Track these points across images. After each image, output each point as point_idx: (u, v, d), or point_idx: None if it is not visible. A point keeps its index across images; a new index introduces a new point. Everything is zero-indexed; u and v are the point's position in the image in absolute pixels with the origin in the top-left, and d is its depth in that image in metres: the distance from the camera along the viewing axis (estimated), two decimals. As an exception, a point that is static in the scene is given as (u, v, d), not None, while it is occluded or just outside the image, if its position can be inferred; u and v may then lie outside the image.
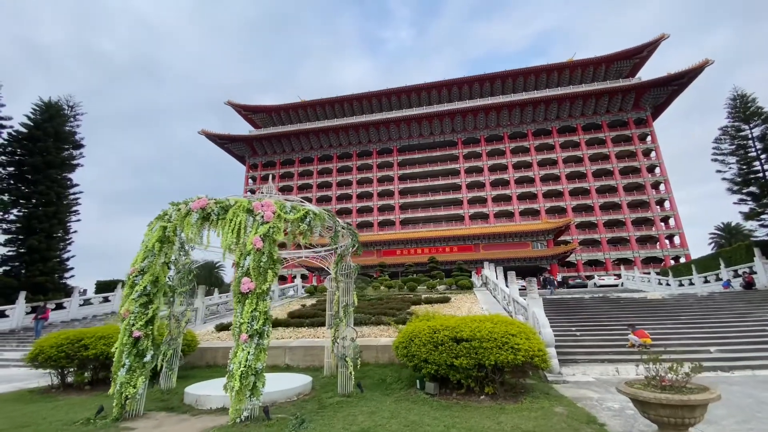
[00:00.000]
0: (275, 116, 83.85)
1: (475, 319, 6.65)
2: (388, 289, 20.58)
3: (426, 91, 76.36)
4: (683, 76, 60.63)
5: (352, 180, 75.49)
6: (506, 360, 5.75)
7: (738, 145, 21.07)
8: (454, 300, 16.27)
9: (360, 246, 7.33)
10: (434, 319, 7.24)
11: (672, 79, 61.47)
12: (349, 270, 7.03)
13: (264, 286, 5.36)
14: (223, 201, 5.95)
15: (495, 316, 6.91)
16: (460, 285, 20.00)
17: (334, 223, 6.70)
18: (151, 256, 5.97)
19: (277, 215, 5.86)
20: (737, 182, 20.74)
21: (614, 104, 66.95)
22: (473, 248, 51.30)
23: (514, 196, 65.99)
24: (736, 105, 21.24)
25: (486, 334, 6.04)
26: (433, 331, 6.48)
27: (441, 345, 6.23)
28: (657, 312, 13.68)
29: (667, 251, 57.77)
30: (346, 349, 6.63)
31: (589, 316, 13.60)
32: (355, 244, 7.16)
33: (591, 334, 11.13)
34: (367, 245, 55.80)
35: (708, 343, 9.76)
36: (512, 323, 6.47)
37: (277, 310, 15.80)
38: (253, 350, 5.12)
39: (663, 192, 61.55)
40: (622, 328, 11.46)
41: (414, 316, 8.56)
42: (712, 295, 16.29)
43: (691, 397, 3.68)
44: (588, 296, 18.29)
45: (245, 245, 5.53)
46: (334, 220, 6.70)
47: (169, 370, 7.40)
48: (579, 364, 8.91)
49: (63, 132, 24.55)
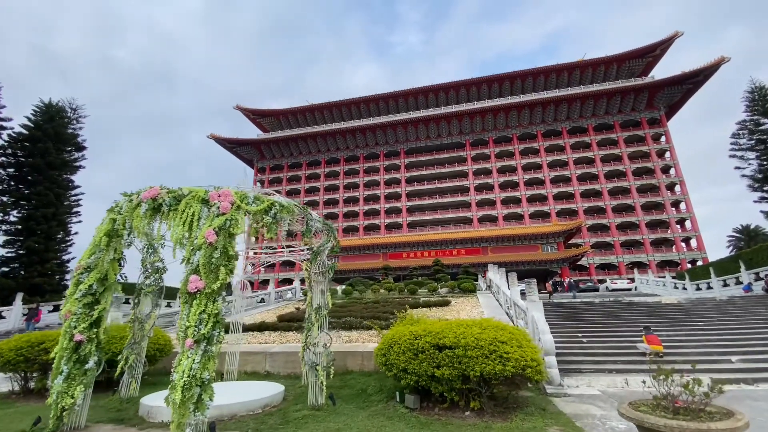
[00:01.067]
0: (283, 120, 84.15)
1: (461, 323, 5.92)
2: (388, 292, 19.87)
3: (433, 93, 75.69)
4: (698, 74, 58.70)
5: (359, 183, 75.06)
6: (493, 371, 5.01)
7: (757, 139, 19.81)
8: (454, 303, 15.49)
9: (338, 243, 6.69)
10: (418, 324, 6.54)
11: (687, 78, 59.56)
12: (324, 269, 6.39)
13: (215, 285, 4.75)
14: (176, 191, 5.38)
15: (486, 320, 6.18)
16: (462, 288, 19.17)
17: (306, 217, 6.07)
18: (99, 251, 5.43)
19: (236, 206, 5.26)
20: (758, 179, 19.46)
21: (626, 104, 65.20)
22: (481, 251, 50.20)
23: (524, 198, 64.59)
24: (755, 98, 20.01)
25: (471, 340, 5.31)
26: (414, 337, 5.77)
27: (422, 353, 5.52)
28: (672, 317, 12.68)
29: (683, 254, 55.65)
30: (318, 357, 5.97)
31: (598, 322, 12.67)
32: (331, 241, 6.51)
33: (599, 341, 10.24)
34: (373, 248, 55.29)
35: (729, 352, 8.81)
36: (503, 328, 5.73)
37: (270, 313, 15.24)
38: (200, 358, 4.49)
39: (678, 193, 59.44)
40: (633, 334, 10.55)
41: (398, 321, 7.88)
42: (732, 300, 15.15)
43: (711, 426, 2.92)
44: (598, 300, 17.27)
45: (196, 239, 4.93)
46: (305, 214, 6.08)
47: (131, 377, 6.83)
48: (584, 374, 8.07)
49: (64, 134, 24.60)
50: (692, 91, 61.59)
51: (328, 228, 6.53)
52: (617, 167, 62.62)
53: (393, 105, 78.23)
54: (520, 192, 65.26)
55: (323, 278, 6.36)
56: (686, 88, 61.33)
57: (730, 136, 21.06)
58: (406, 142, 75.86)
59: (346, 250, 55.32)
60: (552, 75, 70.31)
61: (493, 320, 6.17)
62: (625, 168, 62.09)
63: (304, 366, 5.97)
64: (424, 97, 76.31)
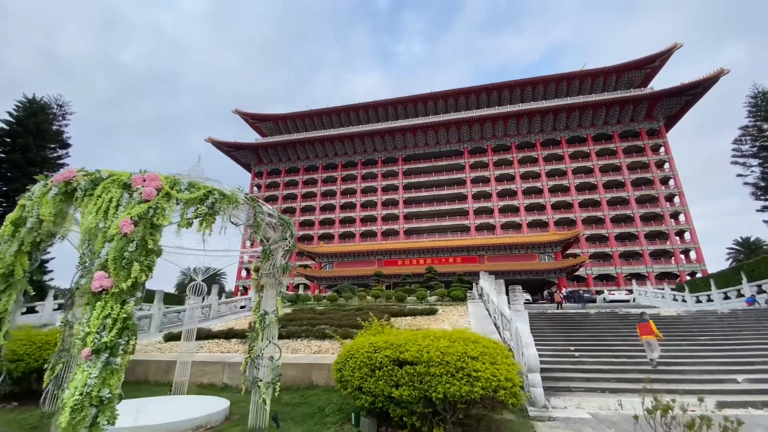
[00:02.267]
0: (282, 125, 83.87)
1: (428, 334, 5.12)
2: (375, 299, 19.03)
3: (432, 100, 75.55)
4: (697, 85, 58.55)
5: (356, 189, 74.46)
6: (458, 393, 4.21)
7: (760, 146, 19.15)
8: (441, 312, 14.65)
9: (295, 242, 5.91)
10: (381, 334, 5.73)
11: (686, 89, 59.39)
12: (275, 270, 5.60)
13: (124, 284, 3.97)
14: (94, 173, 4.64)
15: (458, 331, 5.38)
16: (452, 296, 18.32)
17: (254, 210, 5.31)
18: (4, 242, 4.66)
19: (164, 193, 4.51)
20: (761, 187, 18.74)
21: (625, 114, 64.96)
22: (477, 260, 49.31)
23: (522, 207, 63.91)
24: (758, 103, 19.40)
25: (436, 355, 4.51)
26: (373, 350, 4.97)
27: (380, 369, 4.72)
28: (672, 331, 11.85)
29: (682, 266, 54.79)
30: (262, 371, 5.17)
31: (592, 334, 11.84)
32: (287, 239, 5.74)
33: (592, 356, 9.42)
34: (367, 254, 54.39)
35: (734, 370, 7.99)
36: (476, 341, 4.93)
37: (247, 320, 14.37)
38: (99, 371, 3.69)
39: (678, 205, 58.79)
40: (630, 348, 9.74)
41: (364, 329, 7.07)
42: (735, 313, 14.34)
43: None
44: (594, 311, 16.44)
45: (109, 229, 4.17)
46: (254, 205, 5.32)
47: (57, 389, 5.99)
48: (573, 393, 7.24)
49: (48, 130, 23.97)
50: (691, 103, 61.40)
51: (283, 223, 5.77)
52: (616, 177, 62.09)
53: (392, 112, 78.04)
54: (518, 201, 64.64)
55: (274, 281, 5.58)
56: (685, 99, 61.15)
57: (732, 142, 20.47)
58: (405, 149, 75.47)
59: (341, 257, 54.54)
60: (551, 84, 70.21)
61: (467, 332, 5.37)
62: (624, 178, 61.55)
63: (245, 383, 5.16)
64: (423, 104, 76.13)
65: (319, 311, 14.08)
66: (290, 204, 76.76)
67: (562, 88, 69.98)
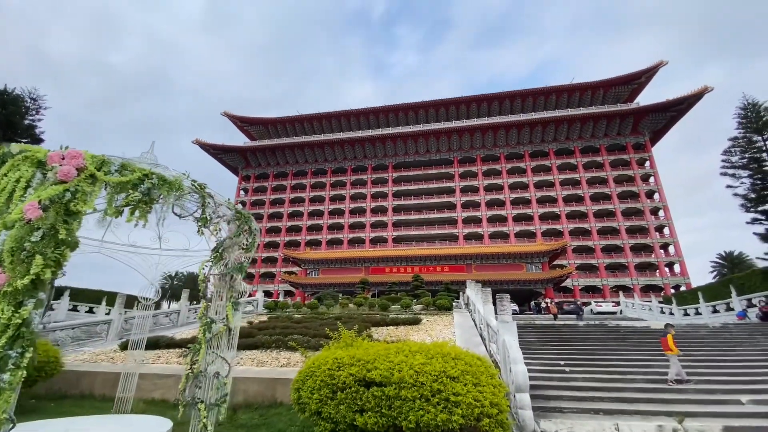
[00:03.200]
0: (271, 129, 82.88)
1: (402, 349, 4.40)
2: (358, 307, 18.18)
3: (423, 109, 75.73)
4: (682, 102, 59.98)
5: (345, 195, 73.68)
6: (434, 422, 3.49)
7: (750, 157, 19.18)
8: (425, 322, 13.92)
9: (255, 239, 5.15)
10: (351, 348, 4.99)
11: (671, 105, 60.78)
12: (229, 271, 4.83)
13: (22, 282, 3.18)
14: (2, 148, 3.85)
15: (437, 345, 4.67)
16: (438, 305, 17.62)
17: (203, 199, 4.55)
18: None
19: (87, 175, 3.75)
20: (751, 199, 18.68)
21: (612, 128, 66.06)
22: (465, 269, 48.82)
23: (510, 217, 64.02)
24: (747, 114, 19.51)
25: (409, 374, 3.79)
26: (337, 366, 4.22)
27: (342, 390, 3.97)
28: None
29: (666, 279, 55.31)
30: (204, 390, 4.36)
31: (583, 348, 11.25)
32: (244, 236, 4.98)
33: (584, 372, 8.79)
34: (354, 261, 53.46)
35: (736, 390, 7.44)
36: (457, 357, 4.23)
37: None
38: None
39: (662, 218, 59.63)
40: (623, 364, 9.16)
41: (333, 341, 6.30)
42: (727, 327, 13.96)
43: None
44: (582, 323, 15.92)
45: (11, 214, 3.39)
46: (202, 194, 4.56)
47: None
48: (565, 415, 6.57)
49: (18, 123, 22.68)
50: (676, 119, 62.81)
51: (240, 217, 5.01)
52: (603, 190, 62.78)
53: (383, 119, 77.90)
54: (507, 211, 64.79)
55: (225, 284, 4.80)
56: (670, 115, 62.54)
57: (722, 153, 20.47)
58: (395, 156, 75.21)
59: (328, 263, 53.52)
60: (540, 97, 71.15)
61: (447, 346, 4.67)
62: (611, 191, 62.27)
63: (183, 404, 4.34)
64: (414, 112, 76.23)
65: (296, 320, 13.20)
66: (278, 209, 75.47)
67: (550, 100, 70.97)
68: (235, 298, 4.75)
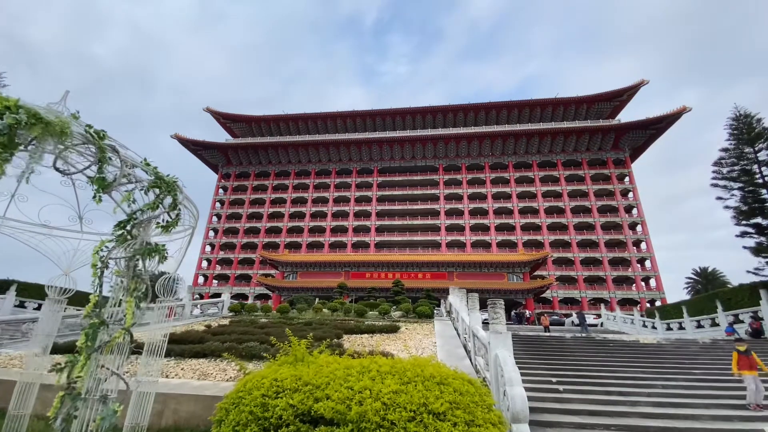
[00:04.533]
0: (255, 127, 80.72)
1: (368, 368, 3.19)
2: (332, 312, 16.84)
3: (411, 115, 75.35)
4: (661, 120, 61.67)
5: (328, 198, 72.11)
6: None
7: (741, 170, 19.04)
8: (404, 330, 12.74)
9: (179, 214, 3.88)
10: (300, 365, 3.75)
11: (650, 123, 62.40)
12: (134, 253, 3.54)
13: None
14: None
15: (416, 362, 3.49)
16: (418, 312, 16.50)
17: (101, 153, 3.27)
18: None
19: None
20: (742, 211, 18.44)
21: (594, 143, 67.27)
22: (446, 276, 48.05)
23: (492, 227, 63.95)
24: (739, 126, 19.46)
25: (373, 409, 2.59)
26: (275, 392, 2.98)
27: (277, 429, 2.74)
28: (659, 361, 10.54)
29: (643, 293, 56.04)
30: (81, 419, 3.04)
31: (574, 363, 10.30)
32: (161, 209, 3.70)
33: (578, 391, 7.79)
34: (334, 266, 51.96)
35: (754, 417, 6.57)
36: (444, 381, 3.07)
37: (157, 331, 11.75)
38: None
39: (640, 233, 60.72)
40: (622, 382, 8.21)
41: (280, 355, 5.06)
42: (717, 343, 13.38)
43: None
44: (569, 336, 15.09)
45: None
46: (99, 144, 3.28)
47: None
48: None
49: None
50: (655, 137, 64.51)
51: (160, 184, 3.74)
52: (583, 203, 63.58)
53: (370, 123, 77.03)
54: (489, 220, 64.72)
55: (129, 272, 3.51)
56: (649, 133, 64.19)
57: (712, 164, 20.37)
58: (381, 161, 74.36)
59: (306, 266, 51.79)
60: (526, 109, 71.93)
61: (430, 363, 3.51)
62: (591, 204, 63.10)
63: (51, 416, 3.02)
64: (402, 118, 75.75)
65: (260, 324, 11.79)
66: (257, 209, 73.10)
67: (535, 113, 71.85)
68: (140, 292, 3.45)
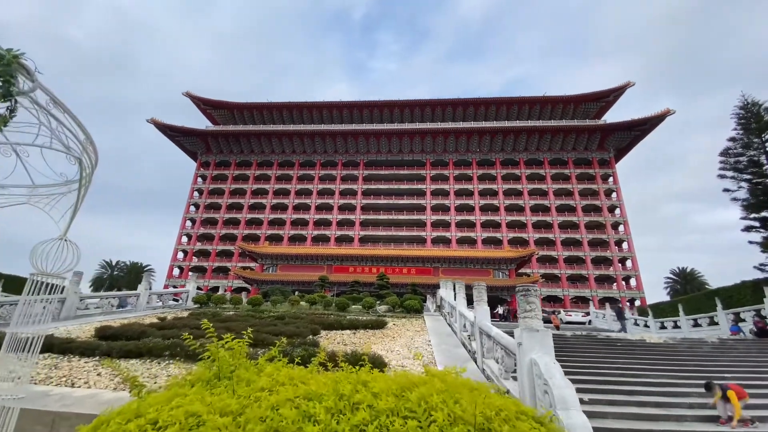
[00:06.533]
0: (237, 114, 77.46)
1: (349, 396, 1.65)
2: (310, 306, 15.20)
3: (399, 108, 73.77)
4: (645, 122, 62.26)
5: (312, 189, 69.88)
6: None
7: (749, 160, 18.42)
8: (392, 326, 11.25)
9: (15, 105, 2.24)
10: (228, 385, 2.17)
11: (635, 125, 62.93)
12: None
13: None
14: None
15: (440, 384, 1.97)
16: (406, 306, 15.05)
17: None
18: None
19: None
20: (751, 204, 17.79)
21: (580, 143, 67.48)
22: (432, 271, 46.90)
23: (478, 223, 63.33)
24: (746, 115, 18.83)
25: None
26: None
27: None
28: (678, 362, 9.41)
29: (623, 293, 56.53)
30: None
31: (586, 363, 9.05)
32: None
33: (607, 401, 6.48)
34: (317, 259, 50.04)
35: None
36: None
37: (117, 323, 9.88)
38: None
39: (622, 233, 61.31)
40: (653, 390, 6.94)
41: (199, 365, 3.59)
42: (726, 342, 12.51)
43: None
44: (570, 333, 13.96)
45: None
46: None
47: None
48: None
49: None
50: (639, 138, 65.15)
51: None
52: (568, 202, 63.69)
53: (357, 115, 75.06)
54: (475, 216, 64.07)
55: None
56: (634, 134, 64.78)
57: (719, 154, 19.73)
58: (367, 154, 72.57)
59: (287, 259, 49.69)
60: (514, 106, 71.52)
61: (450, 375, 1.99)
62: (576, 203, 63.27)
63: None
64: (389, 111, 74.10)
65: (223, 318, 10.10)
66: (238, 199, 70.19)
67: (523, 111, 71.55)
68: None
